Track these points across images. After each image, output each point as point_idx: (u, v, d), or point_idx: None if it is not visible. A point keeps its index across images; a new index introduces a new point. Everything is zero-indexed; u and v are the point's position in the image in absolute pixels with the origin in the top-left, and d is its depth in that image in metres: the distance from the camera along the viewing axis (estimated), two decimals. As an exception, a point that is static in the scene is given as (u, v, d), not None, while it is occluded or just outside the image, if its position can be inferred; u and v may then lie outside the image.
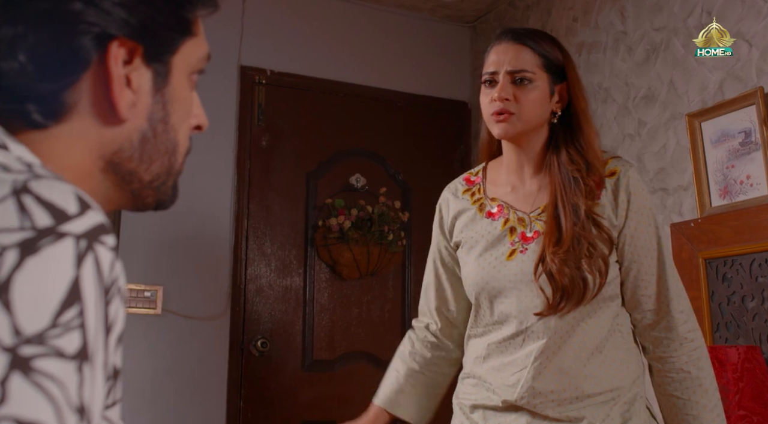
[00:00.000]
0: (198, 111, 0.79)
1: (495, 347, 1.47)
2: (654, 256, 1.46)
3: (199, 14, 0.74)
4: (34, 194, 0.55)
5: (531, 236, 1.46)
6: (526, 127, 1.46)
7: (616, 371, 1.42)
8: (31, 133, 0.65)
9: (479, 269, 1.48)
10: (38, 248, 0.52)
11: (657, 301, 1.45)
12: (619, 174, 1.46)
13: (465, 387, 1.55)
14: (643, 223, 1.45)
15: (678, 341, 1.44)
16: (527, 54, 1.47)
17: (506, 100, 1.44)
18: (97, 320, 0.55)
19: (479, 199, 1.56)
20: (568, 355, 1.40)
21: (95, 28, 0.65)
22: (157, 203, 0.77)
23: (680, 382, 1.43)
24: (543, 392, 1.40)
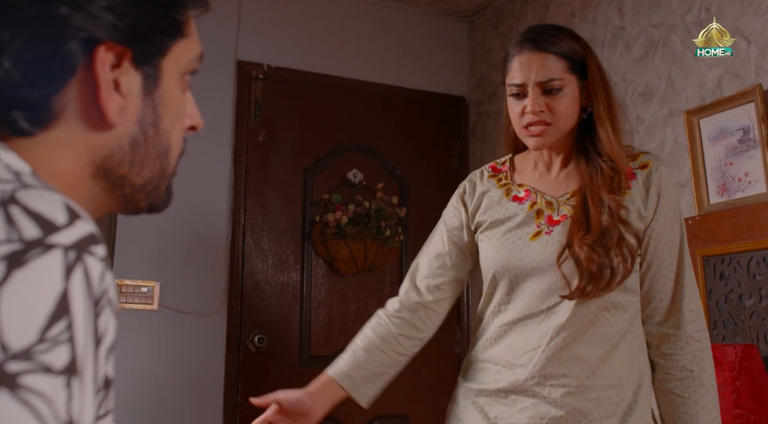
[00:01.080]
0: (192, 111, 0.77)
1: (507, 327, 1.48)
2: (676, 253, 1.47)
3: (190, 15, 0.73)
4: (22, 205, 0.54)
5: (558, 219, 1.47)
6: (561, 134, 1.48)
7: (629, 369, 1.42)
8: (18, 141, 0.64)
9: (501, 247, 1.49)
10: (26, 261, 0.51)
11: (671, 298, 1.46)
12: (651, 168, 1.48)
13: (472, 371, 1.55)
14: (670, 219, 1.47)
15: (685, 339, 1.45)
16: (552, 61, 1.45)
17: (541, 113, 1.44)
18: (86, 333, 0.54)
19: (506, 184, 1.57)
20: (589, 343, 1.41)
21: (82, 33, 0.63)
22: (149, 207, 0.76)
23: (682, 380, 1.44)
24: (555, 375, 1.40)
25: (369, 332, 1.60)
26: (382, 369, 1.58)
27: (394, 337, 1.58)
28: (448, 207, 1.65)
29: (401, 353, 1.59)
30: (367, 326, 1.62)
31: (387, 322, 1.60)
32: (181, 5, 0.71)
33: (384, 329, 1.59)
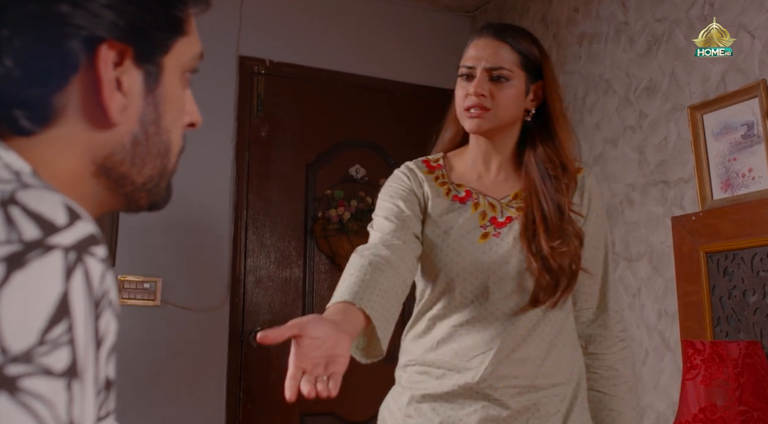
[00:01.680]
0: (191, 108, 0.77)
1: (453, 330, 1.47)
2: (602, 256, 1.54)
3: (191, 12, 0.72)
4: (22, 205, 0.53)
5: (503, 221, 1.48)
6: (499, 123, 1.49)
7: (568, 365, 1.47)
8: (19, 140, 0.64)
9: (450, 250, 1.47)
10: (25, 262, 0.51)
11: (598, 299, 1.54)
12: (584, 174, 1.54)
13: (410, 375, 1.51)
14: (597, 224, 1.53)
15: (611, 339, 1.53)
16: (506, 51, 1.48)
17: (482, 96, 1.46)
18: (87, 334, 0.54)
19: (444, 183, 1.55)
20: (534, 343, 1.44)
21: (83, 31, 0.63)
22: (150, 205, 0.76)
23: (608, 379, 1.51)
24: (506, 376, 1.42)
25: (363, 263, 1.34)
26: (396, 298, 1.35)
27: (389, 260, 1.37)
28: (392, 186, 1.54)
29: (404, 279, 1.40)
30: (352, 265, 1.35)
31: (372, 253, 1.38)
32: (183, 3, 0.71)
33: (378, 255, 1.37)
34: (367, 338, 1.29)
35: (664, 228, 2.52)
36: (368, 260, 1.33)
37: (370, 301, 1.25)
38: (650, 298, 2.57)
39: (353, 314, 1.22)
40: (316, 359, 1.08)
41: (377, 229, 1.46)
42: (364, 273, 1.29)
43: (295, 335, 1.08)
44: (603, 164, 2.84)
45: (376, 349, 1.27)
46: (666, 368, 2.47)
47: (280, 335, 1.07)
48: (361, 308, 1.23)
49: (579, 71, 3.02)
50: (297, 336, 1.08)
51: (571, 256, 1.43)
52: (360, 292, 1.25)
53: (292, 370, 1.08)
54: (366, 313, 1.23)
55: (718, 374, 1.85)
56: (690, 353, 1.92)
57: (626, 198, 2.72)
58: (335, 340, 1.10)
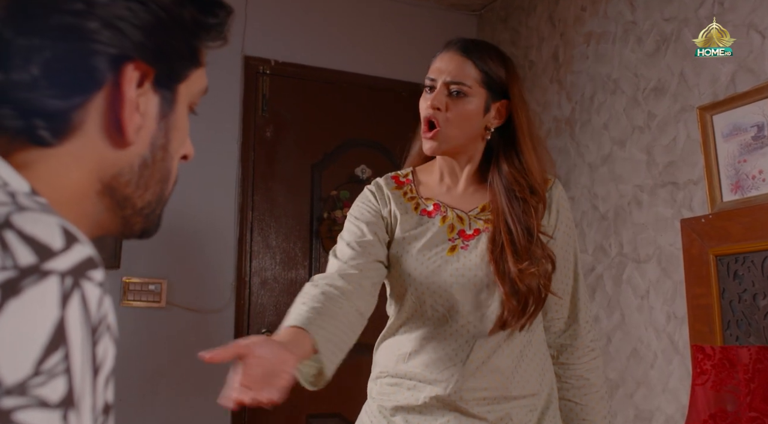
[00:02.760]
0: (187, 141, 0.78)
1: (424, 342, 1.47)
2: (571, 268, 1.55)
3: (209, 46, 0.73)
4: (17, 229, 0.52)
5: (471, 233, 1.49)
6: (453, 142, 1.49)
7: (538, 375, 1.48)
8: (30, 151, 0.63)
9: (418, 264, 1.47)
10: (20, 289, 0.49)
11: (568, 309, 1.54)
12: (552, 185, 1.54)
13: (381, 387, 1.52)
14: (567, 235, 1.54)
15: (582, 349, 1.53)
16: (469, 67, 1.49)
17: (437, 110, 1.47)
18: (83, 362, 0.52)
19: (413, 198, 1.55)
20: (506, 354, 1.45)
21: (112, 49, 0.63)
22: (142, 231, 0.76)
23: (579, 388, 1.53)
24: (476, 388, 1.43)
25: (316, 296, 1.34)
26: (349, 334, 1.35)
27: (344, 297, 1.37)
28: (359, 206, 1.56)
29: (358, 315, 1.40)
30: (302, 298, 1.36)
31: (326, 287, 1.37)
32: (203, 35, 0.72)
33: (333, 286, 1.37)
34: (316, 365, 1.26)
35: (673, 230, 2.50)
36: (321, 290, 1.33)
37: (319, 327, 1.24)
38: (659, 300, 2.55)
39: (301, 338, 1.22)
40: (258, 376, 1.10)
41: (339, 256, 1.46)
42: (315, 301, 1.29)
43: (239, 354, 1.10)
44: (611, 165, 2.82)
45: (323, 375, 1.27)
46: (675, 371, 2.45)
47: (224, 353, 1.09)
48: (309, 332, 1.22)
49: (586, 71, 2.99)
50: (241, 356, 1.10)
51: (539, 277, 1.43)
52: (311, 318, 1.25)
53: (234, 385, 1.10)
54: (313, 338, 1.22)
55: (728, 380, 1.83)
56: (700, 357, 1.90)
57: (634, 199, 2.69)
58: (281, 359, 1.11)
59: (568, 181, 3.03)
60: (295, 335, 1.22)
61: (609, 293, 2.77)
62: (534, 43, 3.35)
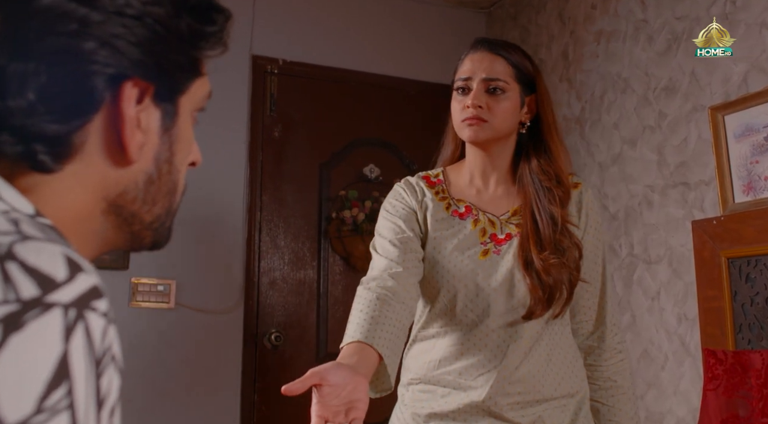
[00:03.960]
0: (194, 147, 0.77)
1: (455, 348, 1.48)
2: (600, 271, 1.57)
3: (208, 55, 0.72)
4: (20, 261, 0.51)
5: (503, 238, 1.50)
6: (496, 135, 1.51)
7: (569, 376, 1.49)
8: (33, 176, 0.63)
9: (451, 267, 1.48)
10: (23, 323, 0.49)
11: (596, 312, 1.57)
12: (581, 189, 1.57)
13: (414, 394, 1.52)
14: (595, 238, 1.56)
15: (609, 351, 1.56)
16: (501, 64, 1.52)
17: (479, 108, 1.48)
18: (87, 396, 0.51)
19: (444, 198, 1.56)
20: (535, 358, 1.46)
21: (109, 69, 0.62)
22: (153, 244, 0.75)
23: (606, 390, 1.55)
24: (510, 394, 1.44)
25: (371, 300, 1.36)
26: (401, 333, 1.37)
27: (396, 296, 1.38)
28: (393, 203, 1.55)
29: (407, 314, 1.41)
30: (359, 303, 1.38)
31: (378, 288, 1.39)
32: (203, 45, 0.70)
33: (383, 288, 1.39)
34: (377, 373, 1.30)
35: (684, 231, 2.48)
36: (375, 294, 1.36)
37: (381, 338, 1.28)
38: (670, 302, 2.53)
39: (367, 354, 1.25)
40: (337, 408, 1.13)
41: (382, 253, 1.47)
42: (373, 309, 1.33)
43: (315, 384, 1.13)
44: (621, 165, 2.80)
45: (385, 383, 1.30)
46: (686, 373, 2.43)
47: (301, 385, 1.11)
48: (373, 346, 1.26)
49: (597, 69, 2.97)
50: (317, 385, 1.13)
51: (569, 268, 1.44)
52: (371, 329, 1.29)
53: (315, 419, 1.13)
54: (377, 350, 1.26)
55: (740, 385, 1.81)
56: (711, 362, 1.88)
57: (645, 199, 2.67)
58: (353, 385, 1.14)
59: (577, 180, 3.01)
60: (361, 352, 1.26)
61: (619, 294, 2.75)
62: (543, 41, 3.33)
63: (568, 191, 1.51)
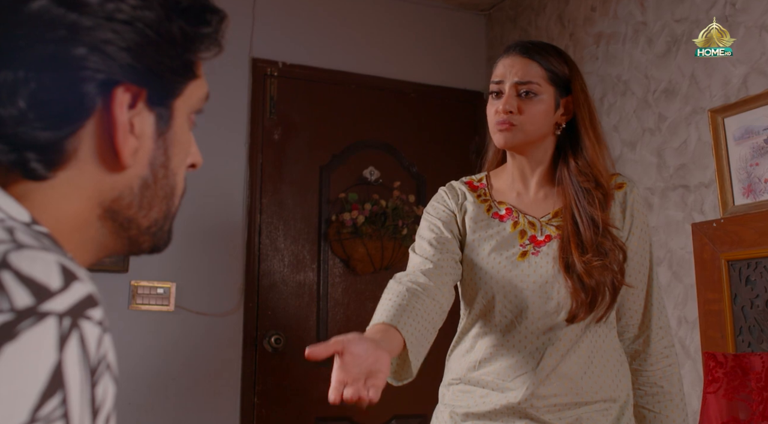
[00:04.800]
0: (193, 149, 0.76)
1: (494, 349, 1.48)
2: (646, 273, 1.54)
3: (204, 56, 0.71)
4: (14, 270, 0.51)
5: (542, 239, 1.49)
6: (527, 138, 1.50)
7: (612, 380, 1.47)
8: (27, 183, 0.62)
9: (489, 268, 1.48)
10: (17, 333, 0.48)
11: (642, 315, 1.54)
12: (626, 189, 1.55)
13: (453, 394, 1.53)
14: (642, 239, 1.53)
15: (655, 355, 1.52)
16: (534, 67, 1.51)
17: (510, 113, 1.48)
18: (82, 406, 0.51)
19: (486, 201, 1.57)
20: (573, 360, 1.45)
21: (100, 75, 0.61)
22: (152, 248, 0.74)
23: (653, 396, 1.51)
24: (546, 396, 1.43)
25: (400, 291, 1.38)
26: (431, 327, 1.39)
27: (426, 291, 1.40)
28: (434, 206, 1.58)
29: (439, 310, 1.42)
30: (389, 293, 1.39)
31: (410, 282, 1.41)
32: (196, 47, 0.69)
33: (416, 283, 1.41)
34: (400, 360, 1.33)
35: (684, 233, 2.48)
36: (405, 287, 1.37)
37: (405, 324, 1.30)
38: (670, 304, 2.52)
39: (392, 335, 1.27)
40: (357, 375, 1.15)
41: (418, 252, 1.50)
42: (401, 298, 1.34)
43: (337, 351, 1.15)
44: (621, 167, 2.79)
45: (407, 372, 1.32)
46: (686, 376, 2.42)
47: (324, 350, 1.15)
48: (398, 329, 1.28)
49: (596, 72, 2.97)
50: (339, 352, 1.15)
51: (612, 271, 1.43)
52: (397, 315, 1.30)
53: (334, 383, 1.15)
54: (401, 335, 1.28)
55: (740, 388, 1.81)
56: (711, 365, 1.88)
57: (645, 202, 2.67)
58: (375, 357, 1.16)
59: (577, 183, 3.01)
60: (386, 332, 1.28)
61: (619, 297, 2.75)
62: (543, 44, 3.32)
63: (607, 193, 1.49)
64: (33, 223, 0.60)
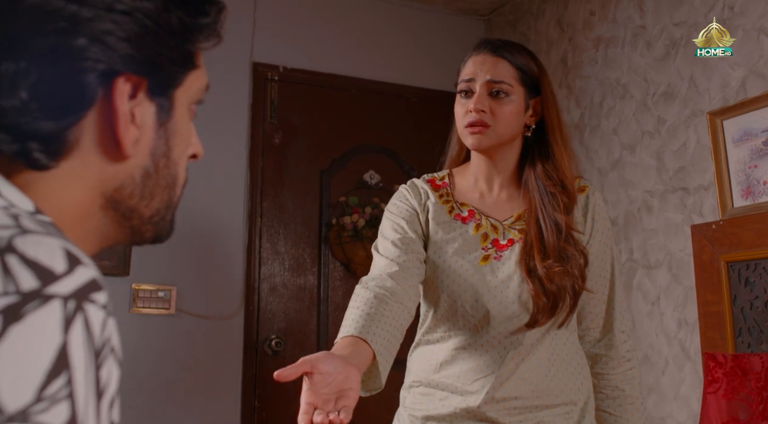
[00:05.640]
0: (194, 139, 0.77)
1: (456, 353, 1.46)
2: (608, 276, 1.53)
3: (203, 47, 0.71)
4: (19, 253, 0.52)
5: (505, 243, 1.48)
6: (500, 140, 1.48)
7: (573, 383, 1.46)
8: (29, 173, 0.63)
9: (451, 271, 1.46)
10: (22, 315, 0.49)
11: (603, 319, 1.53)
12: (588, 193, 1.53)
13: (414, 397, 1.51)
14: (603, 243, 1.52)
15: (617, 359, 1.51)
16: (505, 66, 1.48)
17: (482, 112, 1.45)
18: (87, 387, 0.52)
19: (448, 201, 1.54)
20: (534, 364, 1.43)
21: (101, 65, 0.62)
22: (154, 238, 0.75)
23: (614, 399, 1.51)
24: (507, 399, 1.42)
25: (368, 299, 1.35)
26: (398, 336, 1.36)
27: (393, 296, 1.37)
28: (397, 205, 1.54)
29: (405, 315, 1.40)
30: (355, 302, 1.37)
31: (377, 288, 1.38)
32: (195, 37, 0.70)
33: (382, 287, 1.38)
34: (368, 372, 1.29)
35: (684, 235, 2.48)
36: (373, 293, 1.35)
37: (375, 335, 1.27)
38: (669, 306, 2.53)
39: (360, 348, 1.24)
40: (327, 395, 1.12)
41: (383, 253, 1.46)
42: (369, 306, 1.32)
43: (306, 372, 1.12)
44: (621, 170, 2.80)
45: (376, 382, 1.29)
46: (686, 377, 2.43)
47: (293, 371, 1.11)
48: (368, 341, 1.25)
49: (596, 76, 2.98)
50: (308, 373, 1.12)
51: (573, 277, 1.41)
52: (366, 326, 1.28)
53: (304, 406, 1.11)
54: (371, 347, 1.25)
55: (740, 388, 1.81)
56: (711, 365, 1.89)
57: (644, 205, 2.68)
58: (345, 374, 1.13)
59: (577, 186, 3.02)
60: (355, 345, 1.24)
61: (619, 299, 2.75)
62: (543, 48, 3.34)
63: (573, 197, 1.48)
64: (37, 212, 0.61)
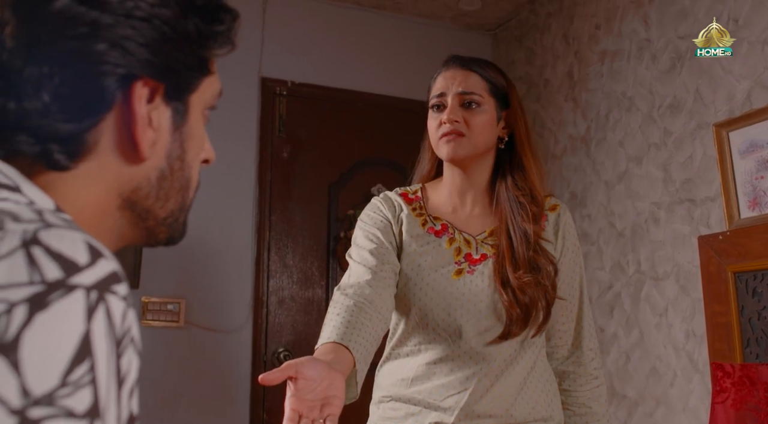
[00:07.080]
0: (207, 145, 0.79)
1: (428, 367, 1.46)
2: (576, 295, 1.54)
3: (217, 53, 0.74)
4: (44, 246, 0.53)
5: (478, 258, 1.48)
6: (475, 150, 1.49)
7: (545, 401, 1.47)
8: (50, 174, 0.65)
9: (424, 284, 1.46)
10: (48, 303, 0.51)
11: (572, 337, 1.54)
12: (559, 211, 1.54)
13: (384, 412, 1.50)
14: (572, 262, 1.53)
15: (585, 376, 1.53)
16: (475, 78, 1.51)
17: (456, 122, 1.47)
18: (108, 374, 0.53)
19: (421, 215, 1.54)
20: (507, 381, 1.44)
21: (120, 69, 0.65)
22: (168, 239, 0.77)
23: (581, 416, 1.52)
24: (481, 416, 1.42)
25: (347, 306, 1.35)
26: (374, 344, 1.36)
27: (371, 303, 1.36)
28: (371, 215, 1.54)
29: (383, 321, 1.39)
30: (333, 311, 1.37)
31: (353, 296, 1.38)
32: (211, 44, 0.73)
33: (360, 295, 1.37)
34: (347, 379, 1.26)
35: (691, 247, 2.49)
36: (353, 301, 1.34)
37: (356, 343, 1.26)
38: (678, 318, 2.53)
39: (342, 354, 1.23)
40: (312, 402, 1.10)
41: (360, 261, 1.45)
42: (350, 314, 1.31)
43: (290, 377, 1.10)
44: (627, 182, 2.82)
45: (351, 391, 1.26)
46: (695, 389, 2.42)
47: (277, 375, 1.09)
48: (349, 348, 1.24)
49: (601, 89, 3.00)
50: (292, 378, 1.10)
51: (544, 287, 1.43)
52: (348, 333, 1.27)
53: (288, 412, 1.09)
54: (352, 354, 1.24)
55: (748, 398, 1.81)
56: (719, 375, 1.89)
57: (651, 217, 2.69)
58: (329, 380, 1.11)
59: (584, 198, 3.03)
60: (337, 352, 1.23)
61: (627, 311, 2.75)
62: (549, 62, 3.37)
63: (541, 206, 1.49)
64: (57, 211, 0.63)
